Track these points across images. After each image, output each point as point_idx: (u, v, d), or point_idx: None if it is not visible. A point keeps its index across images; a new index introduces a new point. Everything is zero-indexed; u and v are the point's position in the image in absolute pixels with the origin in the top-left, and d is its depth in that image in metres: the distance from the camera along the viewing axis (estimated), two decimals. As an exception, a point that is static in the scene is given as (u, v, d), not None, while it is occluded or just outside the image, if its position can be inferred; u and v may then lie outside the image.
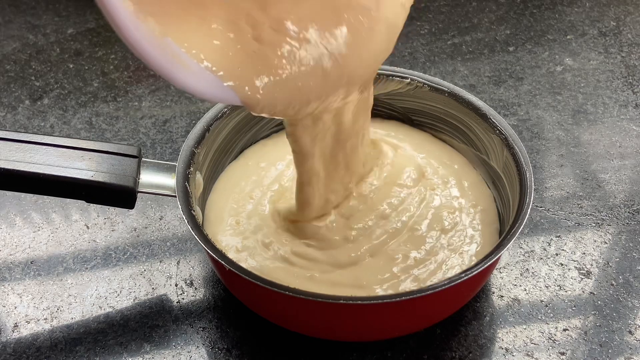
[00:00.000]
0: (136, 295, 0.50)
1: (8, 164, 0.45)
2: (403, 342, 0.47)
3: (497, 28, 0.75)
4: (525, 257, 0.52)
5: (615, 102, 0.65)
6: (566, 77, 0.68)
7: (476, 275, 0.42)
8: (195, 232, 0.44)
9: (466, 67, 0.70)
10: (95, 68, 0.71)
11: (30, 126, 0.64)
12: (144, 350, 0.47)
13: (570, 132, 0.62)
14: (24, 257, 0.53)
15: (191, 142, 0.50)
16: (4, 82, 0.69)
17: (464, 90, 0.54)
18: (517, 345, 0.47)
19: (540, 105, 0.65)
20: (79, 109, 0.66)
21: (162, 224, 0.55)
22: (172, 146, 0.62)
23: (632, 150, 0.60)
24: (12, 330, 0.48)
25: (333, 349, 0.46)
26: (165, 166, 0.48)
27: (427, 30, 0.75)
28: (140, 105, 0.66)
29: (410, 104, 0.57)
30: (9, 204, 0.57)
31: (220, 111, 0.52)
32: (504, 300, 0.49)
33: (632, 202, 0.56)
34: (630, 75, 0.69)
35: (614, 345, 0.46)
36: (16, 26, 0.77)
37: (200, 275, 0.51)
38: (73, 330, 0.48)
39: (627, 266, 0.51)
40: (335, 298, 0.40)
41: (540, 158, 0.60)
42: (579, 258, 0.52)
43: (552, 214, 0.55)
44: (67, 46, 0.74)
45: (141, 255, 0.53)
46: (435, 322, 0.47)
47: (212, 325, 0.48)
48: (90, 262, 0.52)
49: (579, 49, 0.72)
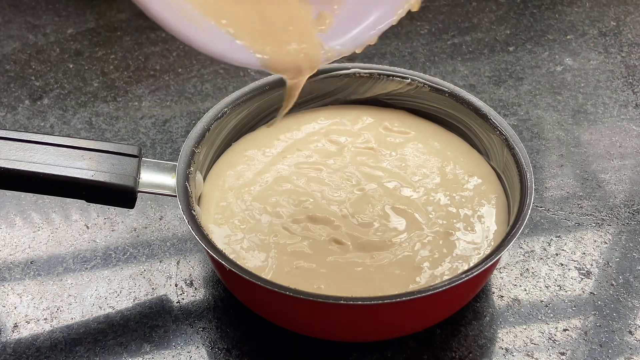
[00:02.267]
0: (136, 295, 0.50)
1: (8, 163, 0.45)
2: (403, 342, 0.47)
3: (497, 28, 0.75)
4: (525, 257, 0.52)
5: (615, 102, 0.65)
6: (566, 77, 0.68)
7: (476, 276, 0.42)
8: (195, 232, 0.44)
9: (466, 67, 0.70)
10: (95, 68, 0.71)
11: (30, 126, 0.64)
12: (144, 351, 0.47)
13: (570, 132, 0.62)
14: (24, 257, 0.53)
15: (191, 142, 0.50)
16: (4, 82, 0.69)
17: (464, 91, 0.54)
18: (517, 346, 0.47)
19: (540, 105, 0.65)
20: (78, 109, 0.66)
21: (162, 224, 0.55)
22: (172, 146, 0.62)
23: (632, 150, 0.60)
24: (12, 331, 0.48)
25: (333, 349, 0.46)
26: (166, 166, 0.48)
27: (427, 30, 0.75)
28: (140, 105, 0.66)
29: (410, 104, 0.57)
30: (9, 204, 0.57)
31: (220, 111, 0.52)
32: (504, 300, 0.49)
33: (632, 202, 0.56)
34: (630, 75, 0.69)
35: (614, 345, 0.46)
36: (16, 26, 0.77)
37: (200, 275, 0.51)
38: (73, 331, 0.48)
39: (627, 266, 0.51)
40: (335, 298, 0.40)
41: (540, 158, 0.60)
42: (579, 258, 0.52)
43: (552, 214, 0.55)
44: (67, 46, 0.74)
45: (141, 255, 0.53)
46: (435, 322, 0.47)
47: (212, 325, 0.48)
48: (90, 262, 0.52)
49: (579, 49, 0.72)
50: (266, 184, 0.52)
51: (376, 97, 0.57)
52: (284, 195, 0.51)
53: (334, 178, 0.52)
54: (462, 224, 0.48)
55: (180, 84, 0.68)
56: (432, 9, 0.78)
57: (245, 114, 0.55)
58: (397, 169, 0.52)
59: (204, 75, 0.69)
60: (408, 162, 0.53)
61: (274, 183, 0.52)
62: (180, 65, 0.71)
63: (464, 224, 0.48)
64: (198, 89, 0.68)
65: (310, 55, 0.41)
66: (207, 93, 0.67)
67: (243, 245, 0.47)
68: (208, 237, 0.44)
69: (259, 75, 0.68)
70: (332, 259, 0.46)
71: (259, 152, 0.54)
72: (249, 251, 0.47)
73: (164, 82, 0.69)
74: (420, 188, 0.51)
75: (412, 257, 0.46)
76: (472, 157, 0.54)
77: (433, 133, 0.56)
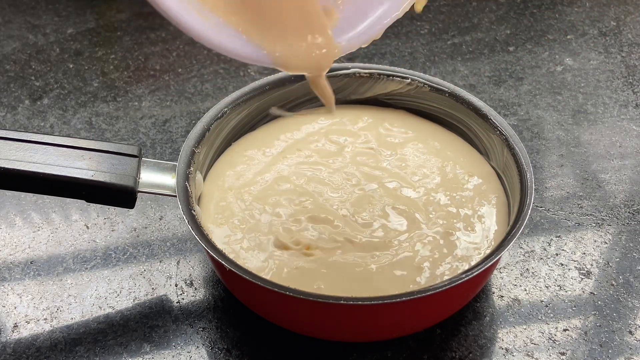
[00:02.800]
0: (136, 295, 0.50)
1: (8, 163, 0.45)
2: (403, 342, 0.47)
3: (497, 28, 0.75)
4: (525, 257, 0.52)
5: (615, 102, 0.65)
6: (566, 77, 0.68)
7: (476, 276, 0.42)
8: (195, 232, 0.44)
9: (466, 67, 0.70)
10: (95, 68, 0.71)
11: (30, 126, 0.64)
12: (143, 351, 0.47)
13: (570, 132, 0.62)
14: (24, 257, 0.53)
15: (191, 141, 0.50)
16: (4, 82, 0.69)
17: (464, 91, 0.54)
18: (517, 346, 0.46)
19: (540, 105, 0.65)
20: (78, 109, 0.66)
21: (162, 224, 0.55)
22: (172, 146, 0.62)
23: (632, 150, 0.60)
24: (12, 331, 0.48)
25: (333, 349, 0.46)
26: (166, 166, 0.48)
27: (427, 30, 0.75)
28: (140, 105, 0.66)
29: (410, 104, 0.57)
30: (9, 204, 0.57)
31: (220, 111, 0.52)
32: (504, 300, 0.49)
33: (632, 202, 0.56)
34: (630, 75, 0.69)
35: (614, 345, 0.46)
36: (16, 26, 0.77)
37: (200, 275, 0.51)
38: (73, 331, 0.48)
39: (627, 266, 0.51)
40: (335, 298, 0.40)
41: (540, 158, 0.60)
42: (579, 258, 0.52)
43: (552, 214, 0.55)
44: (67, 46, 0.74)
45: (141, 255, 0.53)
46: (436, 322, 0.47)
47: (212, 326, 0.48)
48: (90, 262, 0.52)
49: (579, 49, 0.72)
50: (266, 184, 0.52)
51: (376, 97, 0.57)
52: (284, 195, 0.51)
53: (334, 178, 0.52)
54: (463, 223, 0.48)
55: (180, 84, 0.68)
56: (432, 9, 0.78)
57: (245, 114, 0.55)
58: (397, 169, 0.52)
59: (204, 75, 0.69)
60: (408, 162, 0.53)
61: (274, 183, 0.52)
62: (180, 65, 0.71)
63: (464, 224, 0.48)
64: (198, 89, 0.68)
65: (325, 51, 0.40)
66: (207, 93, 0.67)
67: (243, 245, 0.47)
68: (208, 237, 0.44)
69: (259, 75, 0.68)
70: (332, 259, 0.46)
71: (259, 152, 0.54)
72: (248, 251, 0.47)
73: (164, 82, 0.69)
74: (420, 188, 0.51)
75: (413, 257, 0.46)
76: (472, 157, 0.54)
77: (433, 133, 0.56)
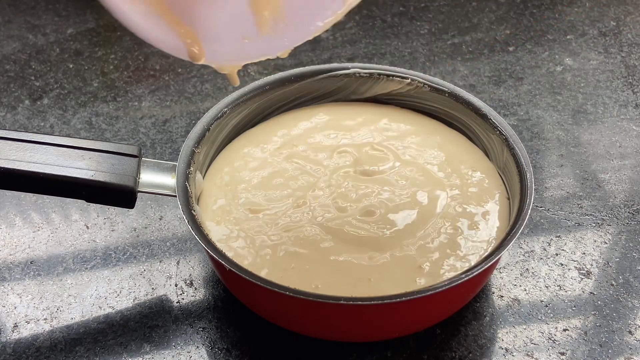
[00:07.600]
0: (136, 295, 0.50)
1: (8, 163, 0.45)
2: (403, 342, 0.47)
3: (497, 28, 0.75)
4: (525, 257, 0.52)
5: (615, 102, 0.65)
6: (566, 77, 0.68)
7: (476, 276, 0.42)
8: (195, 232, 0.44)
9: (466, 67, 0.70)
10: (95, 68, 0.71)
11: (30, 126, 0.64)
12: (143, 351, 0.47)
13: (570, 132, 0.62)
14: (24, 257, 0.53)
15: (191, 141, 0.50)
16: (4, 82, 0.69)
17: (464, 91, 0.54)
18: (517, 346, 0.47)
19: (540, 105, 0.65)
20: (78, 109, 0.66)
21: (162, 224, 0.55)
22: (172, 146, 0.62)
23: (632, 150, 0.60)
24: (12, 331, 0.48)
25: (333, 349, 0.46)
26: (166, 166, 0.48)
27: (427, 30, 0.75)
28: (140, 105, 0.66)
29: (410, 104, 0.57)
30: (9, 204, 0.57)
31: (220, 111, 0.52)
32: (504, 300, 0.49)
33: (632, 202, 0.56)
34: (630, 75, 0.69)
35: (614, 345, 0.46)
36: (16, 26, 0.77)
37: (200, 275, 0.51)
38: (73, 331, 0.48)
39: (627, 266, 0.51)
40: (335, 298, 0.40)
41: (540, 158, 0.60)
42: (579, 258, 0.52)
43: (552, 214, 0.55)
44: (67, 46, 0.74)
45: (141, 255, 0.53)
46: (435, 322, 0.47)
47: (212, 325, 0.48)
48: (90, 262, 0.52)
49: (579, 49, 0.72)
50: (264, 181, 0.51)
51: (376, 97, 0.57)
52: (281, 192, 0.50)
53: (333, 175, 0.51)
54: (466, 221, 0.48)
55: (180, 84, 0.68)
56: (432, 9, 0.78)
57: (245, 114, 0.55)
58: (397, 164, 0.52)
59: (204, 75, 0.69)
60: (408, 156, 0.53)
61: (272, 180, 0.51)
62: (180, 65, 0.71)
63: (468, 221, 0.48)
64: (198, 89, 0.68)
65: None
66: (207, 93, 0.67)
67: (240, 244, 0.47)
68: (208, 237, 0.44)
69: (259, 75, 0.68)
70: (332, 258, 0.46)
71: (257, 149, 0.54)
72: (245, 249, 0.47)
73: (164, 82, 0.69)
74: (421, 184, 0.51)
75: (413, 256, 0.46)
76: (473, 153, 0.53)
77: (433, 128, 0.55)
